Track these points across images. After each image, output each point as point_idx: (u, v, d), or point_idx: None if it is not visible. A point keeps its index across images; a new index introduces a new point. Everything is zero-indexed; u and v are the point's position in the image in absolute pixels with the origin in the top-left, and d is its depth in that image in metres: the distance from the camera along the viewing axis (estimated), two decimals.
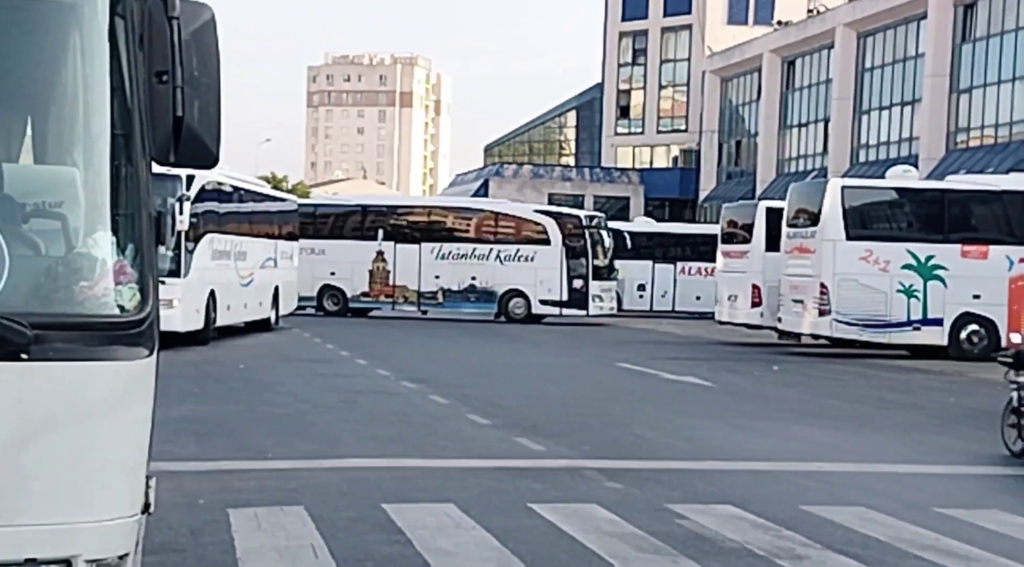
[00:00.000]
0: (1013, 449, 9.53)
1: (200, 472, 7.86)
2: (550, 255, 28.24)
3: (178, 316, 17.15)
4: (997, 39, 34.62)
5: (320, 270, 28.78)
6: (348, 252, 28.72)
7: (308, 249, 28.42)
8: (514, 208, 30.41)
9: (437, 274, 28.75)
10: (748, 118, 50.64)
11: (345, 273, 28.84)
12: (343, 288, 29.12)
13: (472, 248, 28.74)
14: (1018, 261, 19.49)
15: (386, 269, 29.03)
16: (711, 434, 10.45)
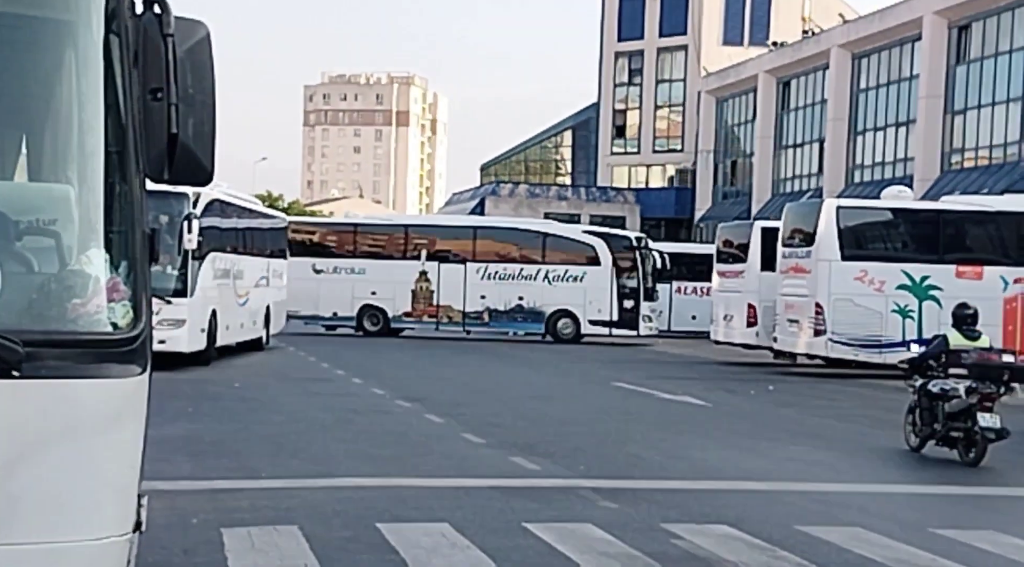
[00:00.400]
0: (911, 445, 10.75)
1: (194, 491, 7.83)
2: (600, 275, 28.36)
3: (184, 336, 16.85)
4: (991, 60, 34.78)
5: (360, 290, 28.85)
6: (390, 271, 28.69)
7: (347, 268, 28.70)
8: (563, 229, 30.58)
9: (483, 294, 28.84)
10: (744, 138, 50.79)
11: (387, 293, 28.81)
12: (384, 308, 29.06)
13: (519, 268, 28.83)
14: (1013, 282, 19.54)
15: (430, 289, 29.06)
16: (707, 454, 10.43)
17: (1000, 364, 9.90)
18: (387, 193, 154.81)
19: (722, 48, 55.00)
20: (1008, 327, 19.73)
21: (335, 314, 29.09)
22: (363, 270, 28.85)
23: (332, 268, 29.09)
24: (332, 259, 29.28)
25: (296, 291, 28.33)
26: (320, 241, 29.96)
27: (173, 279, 16.73)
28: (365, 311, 29.09)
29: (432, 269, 28.90)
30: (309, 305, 28.75)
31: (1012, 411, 15.24)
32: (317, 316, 29.19)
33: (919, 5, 37.18)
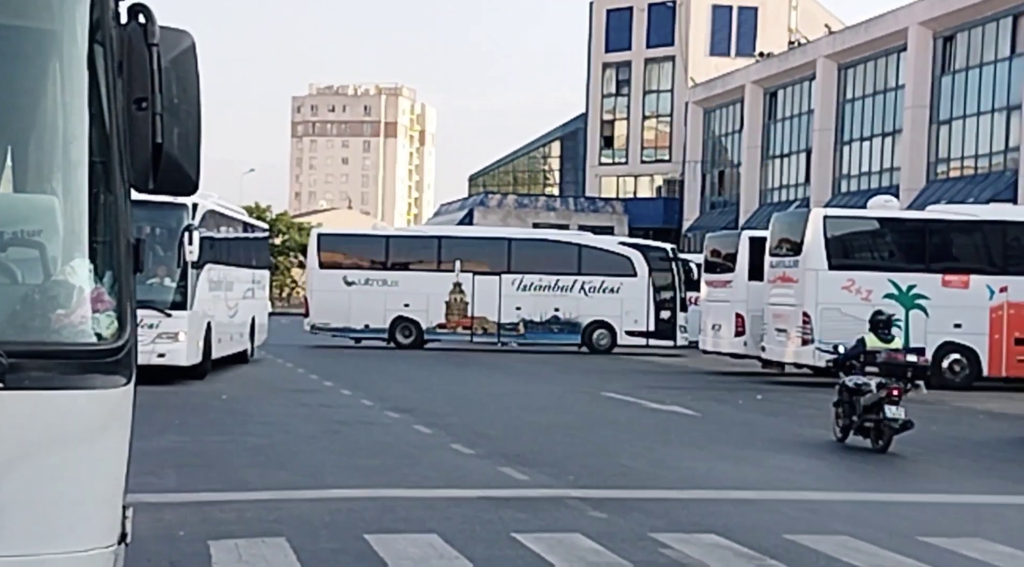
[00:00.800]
0: (836, 436, 11.89)
1: (181, 503, 7.80)
2: (636, 287, 28.40)
3: (184, 350, 16.53)
4: (976, 71, 35.00)
5: (393, 302, 28.72)
6: (423, 283, 28.61)
7: (379, 280, 28.62)
8: (599, 240, 30.71)
9: (518, 305, 28.86)
10: (731, 148, 50.96)
11: (420, 305, 28.68)
12: (418, 320, 28.92)
13: (555, 279, 28.84)
14: (999, 290, 19.62)
15: (464, 300, 29.03)
16: (695, 463, 10.44)
17: (904, 362, 11.33)
18: (375, 204, 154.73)
19: (709, 59, 55.23)
20: (994, 335, 19.82)
21: (367, 326, 28.94)
22: (396, 282, 28.75)
23: (364, 280, 28.92)
24: (364, 271, 29.11)
25: (326, 303, 28.53)
26: (351, 253, 29.80)
27: (172, 291, 16.44)
28: (398, 323, 28.97)
29: (466, 281, 28.92)
30: (340, 317, 28.73)
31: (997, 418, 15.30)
32: (348, 328, 29.08)
33: (904, 16, 37.42)
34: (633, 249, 29.40)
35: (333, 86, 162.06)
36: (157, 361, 16.13)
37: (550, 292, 28.80)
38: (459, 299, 28.97)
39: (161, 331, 16.16)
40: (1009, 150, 33.33)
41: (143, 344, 15.75)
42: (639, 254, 28.95)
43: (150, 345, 15.97)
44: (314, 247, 29.67)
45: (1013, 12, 33.13)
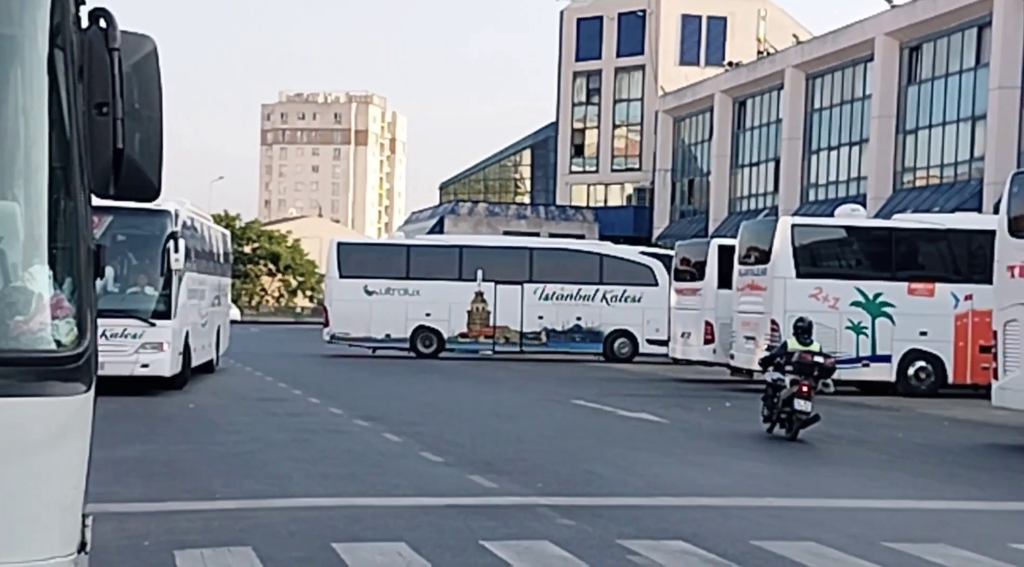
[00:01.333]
0: (765, 425, 13.38)
1: (146, 513, 7.73)
2: (658, 296, 28.49)
3: (167, 360, 16.21)
4: (942, 81, 35.40)
5: (414, 311, 28.76)
6: (445, 293, 28.62)
7: (401, 290, 28.58)
8: (620, 250, 30.89)
9: (540, 314, 29.00)
10: (700, 157, 51.24)
11: (442, 314, 28.76)
12: (439, 329, 29.02)
13: (577, 289, 29.03)
14: (963, 299, 19.81)
15: (486, 310, 29.12)
16: (664, 470, 10.47)
17: (811, 362, 13.02)
18: (346, 212, 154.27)
19: (679, 68, 55.53)
20: (959, 343, 20.02)
21: (388, 336, 28.97)
22: (417, 291, 28.76)
23: (385, 289, 28.91)
24: (384, 280, 29.05)
25: (346, 313, 28.49)
26: (372, 262, 29.77)
27: (155, 300, 16.12)
28: (419, 333, 29.04)
29: (488, 290, 29.00)
30: (361, 327, 28.74)
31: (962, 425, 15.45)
32: (369, 338, 29.08)
33: (871, 26, 37.80)
34: (654, 259, 29.75)
35: (303, 94, 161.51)
36: (141, 372, 15.90)
37: (572, 301, 29.08)
38: (481, 308, 29.16)
39: (145, 341, 15.87)
40: (974, 160, 33.72)
41: (126, 354, 15.57)
42: (660, 264, 29.17)
43: (133, 355, 15.77)
44: (334, 256, 29.59)
45: (978, 23, 33.55)
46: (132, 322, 15.73)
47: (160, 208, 16.05)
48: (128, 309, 15.84)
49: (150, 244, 16.20)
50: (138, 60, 2.82)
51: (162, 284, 16.19)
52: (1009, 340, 12.83)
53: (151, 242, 16.17)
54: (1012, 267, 12.86)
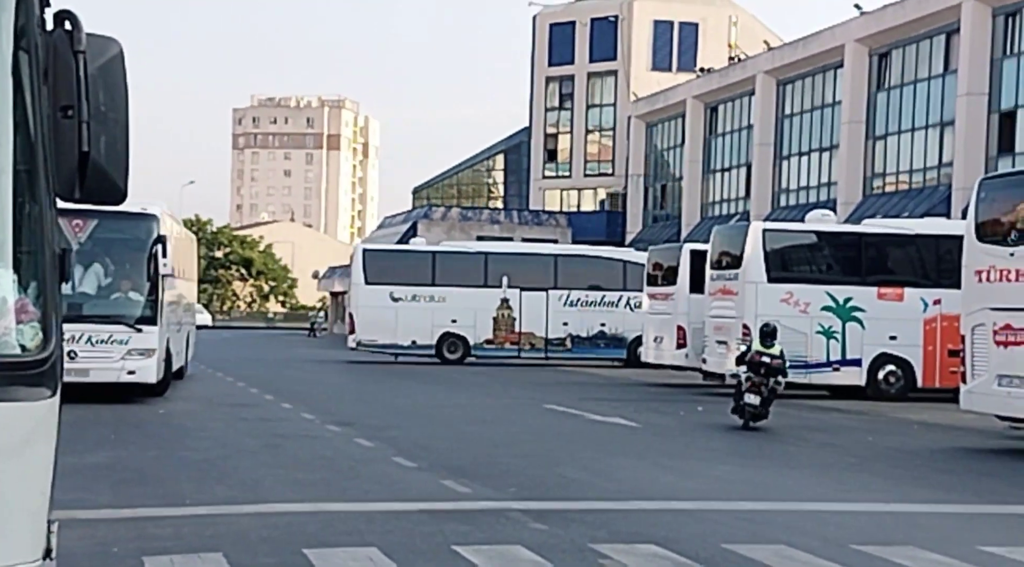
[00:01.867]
0: (738, 422, 14.90)
1: (115, 519, 7.67)
2: None
3: (154, 367, 15.86)
4: (910, 87, 35.74)
5: (440, 318, 28.88)
6: (471, 299, 28.70)
7: (427, 296, 28.69)
8: (643, 257, 30.98)
9: (565, 321, 29.17)
10: (673, 162, 51.46)
11: (467, 321, 28.88)
12: (465, 336, 29.13)
13: (601, 295, 29.26)
14: (932, 303, 19.98)
15: (511, 316, 29.27)
16: (636, 474, 10.49)
17: (759, 362, 14.90)
18: (318, 217, 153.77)
19: (651, 73, 55.76)
20: (928, 347, 20.20)
21: (414, 342, 29.07)
22: (443, 298, 28.84)
23: (411, 296, 28.98)
24: (410, 287, 29.12)
25: (373, 319, 28.53)
26: (397, 269, 29.81)
27: (142, 306, 15.76)
28: (445, 339, 29.13)
29: (514, 296, 29.13)
30: (387, 334, 28.80)
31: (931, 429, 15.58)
32: (395, 345, 29.16)
33: (841, 33, 38.11)
34: None
35: (275, 98, 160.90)
36: (127, 378, 15.61)
37: (596, 308, 29.34)
38: (506, 315, 29.36)
39: (132, 347, 15.52)
40: (943, 165, 34.05)
41: (112, 361, 15.35)
42: None
43: (119, 362, 15.48)
44: (360, 262, 29.64)
45: (946, 30, 33.90)
46: (118, 328, 15.46)
47: (146, 212, 15.86)
48: (114, 315, 15.61)
49: (136, 248, 15.89)
50: (104, 63, 2.80)
51: (148, 289, 15.84)
52: (976, 344, 12.97)
53: (137, 246, 15.87)
54: (980, 272, 13.00)
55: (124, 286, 15.97)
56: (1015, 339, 12.37)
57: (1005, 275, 12.59)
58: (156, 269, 15.71)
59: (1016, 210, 12.81)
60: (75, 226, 15.38)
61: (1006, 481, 10.84)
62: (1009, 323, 12.44)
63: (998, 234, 12.91)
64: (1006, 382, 12.49)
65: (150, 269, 15.72)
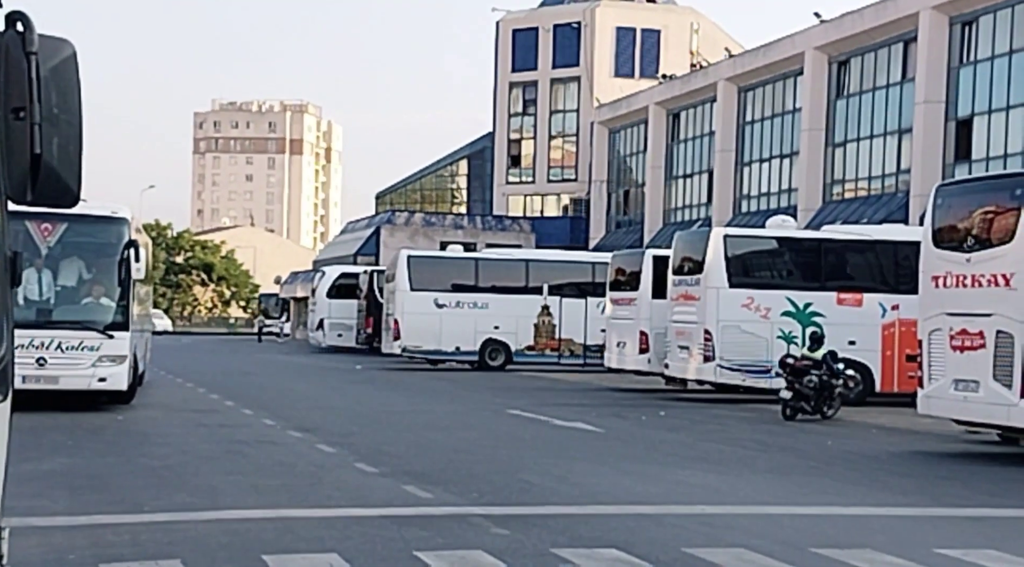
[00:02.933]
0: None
1: (71, 527, 7.58)
2: None
3: (125, 373, 15.56)
4: (869, 95, 36.18)
5: (483, 324, 29.15)
6: (513, 306, 28.86)
7: (470, 303, 28.98)
8: None
9: (603, 327, 29.13)
10: (635, 168, 51.71)
11: (510, 327, 29.07)
12: (507, 342, 29.32)
13: None
14: (891, 308, 20.21)
15: (552, 323, 29.45)
16: (598, 479, 10.52)
17: (797, 365, 17.42)
18: (281, 222, 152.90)
19: (614, 80, 56.04)
20: (886, 352, 20.43)
21: (457, 349, 29.33)
22: (486, 304, 29.11)
23: (455, 303, 29.24)
24: (455, 293, 29.38)
25: (417, 326, 28.81)
26: (441, 275, 30.08)
27: (113, 311, 15.45)
28: (487, 346, 29.38)
29: (554, 303, 29.34)
30: (431, 340, 29.10)
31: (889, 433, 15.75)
32: (439, 351, 29.46)
33: (801, 41, 38.50)
34: None
35: (236, 102, 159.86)
36: (98, 386, 15.32)
37: None
38: (547, 322, 29.60)
39: (103, 354, 15.22)
40: (901, 172, 34.48)
41: (83, 368, 15.09)
42: None
43: (90, 369, 15.16)
44: (404, 269, 29.83)
45: (904, 38, 34.35)
46: (89, 334, 15.17)
47: (117, 216, 15.62)
48: (85, 321, 15.34)
49: (106, 253, 15.60)
50: (56, 64, 2.78)
51: (119, 294, 15.54)
52: (933, 349, 13.13)
53: (107, 250, 15.58)
54: (936, 277, 13.17)
55: (95, 291, 15.71)
56: (971, 344, 12.55)
57: (961, 281, 12.77)
58: (127, 274, 15.45)
59: (972, 216, 13.00)
60: (44, 230, 15.18)
61: (962, 484, 10.98)
62: (965, 328, 12.61)
63: (955, 240, 13.09)
64: (962, 386, 12.66)
65: (121, 274, 15.45)
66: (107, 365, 15.28)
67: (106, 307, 15.55)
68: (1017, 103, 30.20)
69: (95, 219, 15.31)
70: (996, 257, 12.39)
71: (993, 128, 31.04)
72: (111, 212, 15.68)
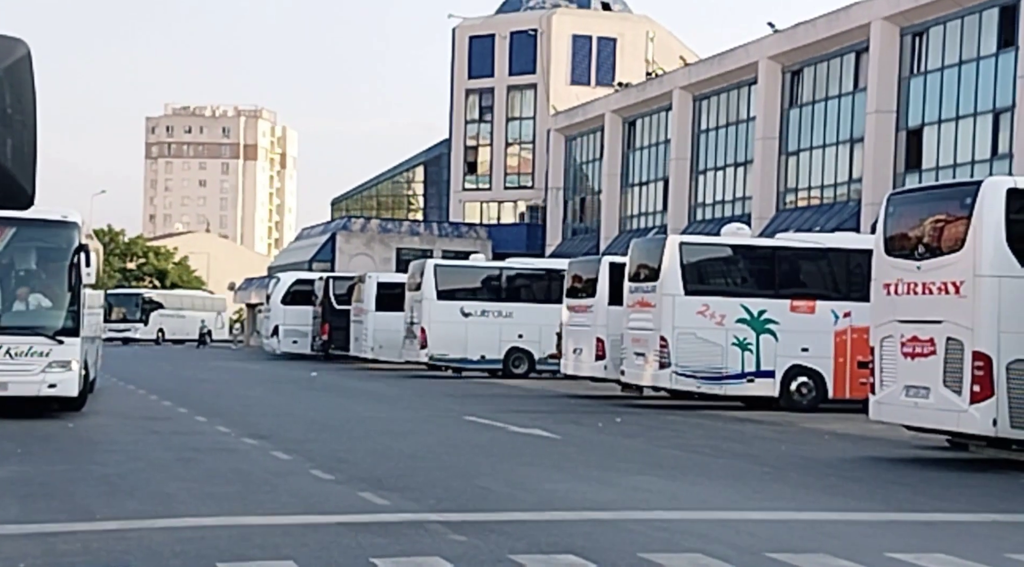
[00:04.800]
0: None
1: (21, 535, 7.45)
2: None
3: (75, 379, 15.30)
4: (822, 104, 36.65)
5: (507, 333, 29.35)
6: (536, 315, 28.89)
7: (495, 312, 29.21)
8: None
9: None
10: (592, 176, 51.95)
11: (533, 336, 29.16)
12: (531, 351, 29.42)
13: None
14: (843, 315, 20.45)
15: None
16: (555, 485, 10.53)
17: None
18: (235, 228, 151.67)
19: (570, 87, 56.30)
20: (839, 359, 20.67)
21: (483, 357, 29.44)
22: (510, 313, 29.32)
23: (480, 311, 29.44)
24: (480, 302, 29.60)
25: (443, 334, 28.94)
26: (466, 284, 30.31)
27: (63, 317, 15.22)
28: (511, 354, 29.51)
29: None
30: (457, 348, 29.24)
31: (841, 438, 15.93)
32: (465, 359, 29.53)
33: (754, 50, 38.92)
34: None
35: (190, 107, 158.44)
36: (48, 392, 15.09)
37: None
38: None
39: (52, 360, 15.01)
40: (853, 181, 34.95)
41: (32, 374, 14.83)
42: None
43: (40, 374, 14.93)
44: (431, 278, 29.90)
45: (855, 49, 34.85)
46: (38, 340, 14.97)
47: (67, 220, 15.42)
48: (34, 326, 15.13)
49: (56, 257, 15.39)
50: (10, 64, 2.73)
51: (69, 300, 15.31)
52: (885, 356, 13.30)
53: (57, 255, 15.36)
54: (888, 285, 13.34)
55: (44, 296, 15.51)
56: (922, 351, 12.73)
57: (912, 288, 12.95)
58: (78, 278, 15.24)
59: (923, 225, 13.20)
60: None
61: (913, 489, 11.12)
62: (916, 335, 12.80)
63: (906, 248, 13.27)
64: (913, 393, 12.84)
65: (71, 278, 15.24)
66: (57, 371, 15.07)
67: (56, 312, 15.34)
68: (966, 113, 30.75)
69: (45, 223, 15.11)
70: (946, 265, 12.59)
71: (943, 138, 31.57)
72: (61, 216, 15.48)
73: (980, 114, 30.35)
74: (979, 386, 12.08)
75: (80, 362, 15.62)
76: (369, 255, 52.75)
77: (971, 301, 12.22)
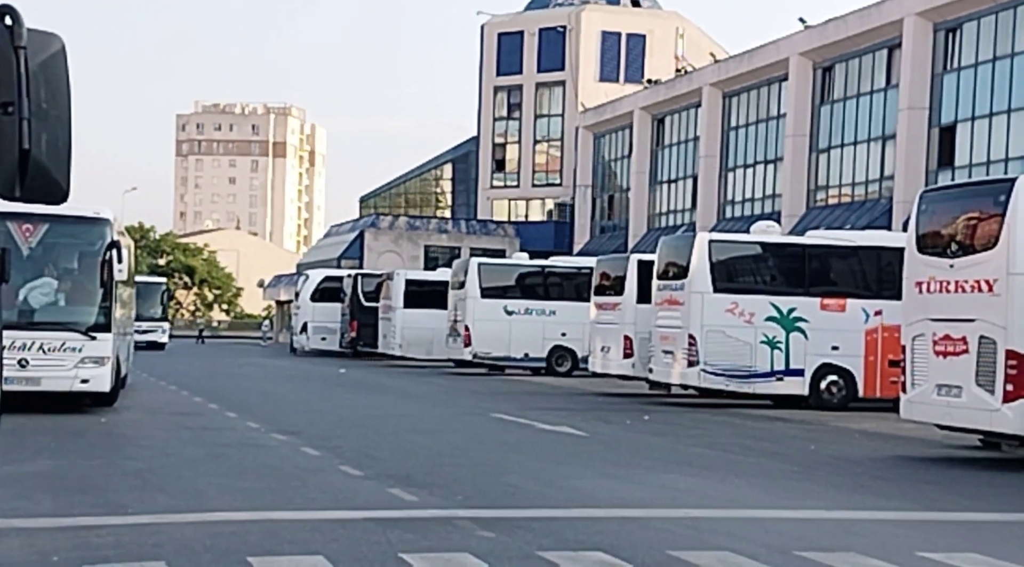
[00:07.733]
0: None
1: (55, 528, 7.53)
2: None
3: (108, 375, 15.48)
4: (853, 101, 36.36)
5: (551, 331, 29.57)
6: (579, 313, 28.82)
7: (538, 310, 29.48)
8: None
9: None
10: (620, 173, 51.80)
11: (576, 334, 29.16)
12: (574, 349, 29.51)
13: None
14: (873, 314, 20.30)
15: None
16: (583, 482, 10.53)
17: None
18: (264, 225, 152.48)
19: (599, 84, 56.14)
20: (869, 358, 20.52)
21: (526, 355, 29.68)
22: (554, 311, 29.52)
23: (524, 310, 29.67)
24: (524, 301, 29.83)
25: (488, 332, 29.29)
26: (510, 282, 30.56)
27: (95, 313, 15.39)
28: (555, 352, 29.73)
29: None
30: (500, 346, 29.53)
31: (872, 437, 15.82)
32: (508, 357, 29.82)
33: (785, 46, 38.66)
34: None
35: (220, 104, 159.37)
36: (80, 387, 15.25)
37: None
38: None
39: (85, 355, 15.16)
40: (884, 178, 34.65)
41: (65, 369, 14.99)
42: None
43: (72, 370, 15.09)
44: (475, 276, 30.17)
45: (888, 45, 34.54)
46: (71, 335, 15.11)
47: (100, 216, 15.59)
48: (67, 322, 15.27)
49: (89, 253, 15.54)
50: (45, 59, 2.75)
51: (101, 295, 15.46)
52: (916, 354, 13.19)
53: (90, 251, 15.51)
54: (920, 283, 13.23)
55: (77, 292, 15.67)
56: (954, 349, 12.61)
57: (945, 286, 12.83)
58: (110, 275, 15.38)
59: (955, 222, 13.07)
60: (25, 231, 15.14)
61: (944, 489, 11.03)
62: (948, 333, 12.68)
63: (938, 246, 13.16)
64: (945, 392, 12.73)
65: (103, 275, 15.35)
66: (89, 366, 15.23)
67: (88, 308, 15.48)
68: (1000, 110, 30.41)
69: (77, 219, 15.27)
70: (979, 263, 12.46)
71: (976, 135, 31.24)
72: (94, 213, 15.65)
73: (1014, 111, 30.00)
74: (1012, 385, 11.95)
75: (112, 358, 15.76)
76: (397, 252, 52.90)
77: (1004, 299, 12.10)
